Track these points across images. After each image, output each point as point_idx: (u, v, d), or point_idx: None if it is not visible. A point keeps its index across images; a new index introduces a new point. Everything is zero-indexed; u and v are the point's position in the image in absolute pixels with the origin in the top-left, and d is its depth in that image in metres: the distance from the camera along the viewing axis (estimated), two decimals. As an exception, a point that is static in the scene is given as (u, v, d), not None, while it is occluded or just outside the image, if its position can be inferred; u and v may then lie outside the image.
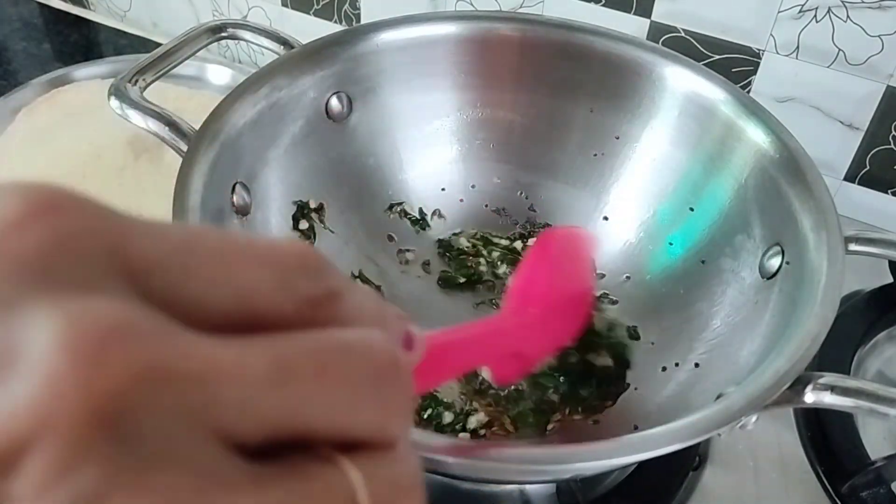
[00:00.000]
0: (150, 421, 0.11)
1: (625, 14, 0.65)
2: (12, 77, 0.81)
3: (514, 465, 0.32)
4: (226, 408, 0.12)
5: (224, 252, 0.14)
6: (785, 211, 0.44)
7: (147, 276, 0.13)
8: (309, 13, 0.79)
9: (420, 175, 0.57)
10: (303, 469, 0.13)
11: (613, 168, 0.55)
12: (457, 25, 0.54)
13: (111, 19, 0.91)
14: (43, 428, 0.11)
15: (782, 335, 0.38)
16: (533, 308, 0.33)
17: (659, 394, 0.46)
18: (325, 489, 0.13)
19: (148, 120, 0.44)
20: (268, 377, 0.13)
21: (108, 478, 0.11)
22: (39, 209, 0.12)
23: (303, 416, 0.13)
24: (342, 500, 0.13)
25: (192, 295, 0.13)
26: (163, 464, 0.11)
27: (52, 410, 0.11)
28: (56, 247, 0.12)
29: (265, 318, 0.14)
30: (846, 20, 0.58)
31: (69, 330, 0.11)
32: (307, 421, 0.13)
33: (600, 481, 0.45)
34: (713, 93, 0.50)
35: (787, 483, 0.47)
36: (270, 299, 0.14)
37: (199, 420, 0.12)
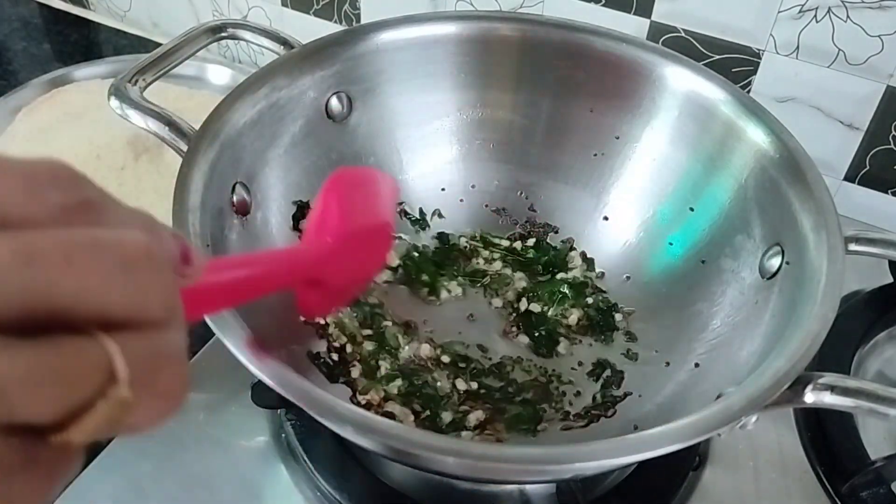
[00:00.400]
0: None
1: (625, 14, 0.65)
2: (12, 77, 0.81)
3: (514, 465, 0.32)
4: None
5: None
6: (785, 211, 0.44)
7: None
8: (309, 13, 0.79)
9: (420, 175, 0.57)
10: (59, 340, 0.15)
11: (613, 168, 0.55)
12: (457, 25, 0.54)
13: (111, 19, 0.91)
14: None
15: (782, 335, 0.38)
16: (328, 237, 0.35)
17: (659, 394, 0.46)
18: (77, 354, 0.15)
19: (148, 120, 0.44)
20: (13, 261, 0.14)
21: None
22: None
23: (52, 298, 0.15)
24: (96, 363, 0.16)
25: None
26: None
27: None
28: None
29: (15, 224, 0.15)
30: (846, 20, 0.58)
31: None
32: (58, 302, 0.15)
33: (600, 481, 0.45)
34: (713, 93, 0.50)
35: (787, 483, 0.47)
36: (19, 206, 0.16)
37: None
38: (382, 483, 0.44)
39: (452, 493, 0.45)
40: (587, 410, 0.47)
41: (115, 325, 0.16)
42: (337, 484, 0.44)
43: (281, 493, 0.45)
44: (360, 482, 0.44)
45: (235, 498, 0.45)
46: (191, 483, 0.45)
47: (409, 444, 0.31)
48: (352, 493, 0.44)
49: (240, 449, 0.47)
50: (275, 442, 0.47)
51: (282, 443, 0.47)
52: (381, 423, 0.33)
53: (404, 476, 0.44)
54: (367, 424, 0.32)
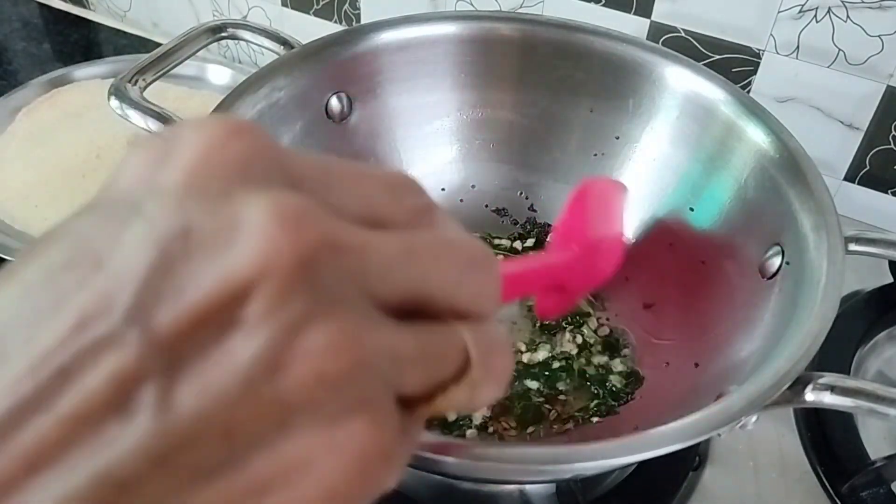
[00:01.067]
0: (330, 276, 0.15)
1: (625, 14, 0.65)
2: (12, 77, 0.81)
3: (514, 465, 0.32)
4: (372, 274, 0.16)
5: (350, 172, 0.18)
6: (785, 211, 0.44)
7: (301, 184, 0.17)
8: (309, 13, 0.79)
9: (420, 175, 0.57)
10: (429, 325, 0.18)
11: (613, 168, 0.55)
12: (457, 25, 0.54)
13: (111, 19, 0.91)
14: (266, 270, 0.15)
15: (782, 335, 0.38)
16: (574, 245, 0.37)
17: (659, 394, 0.46)
18: (444, 339, 0.18)
19: (148, 120, 0.44)
20: (399, 255, 0.17)
21: (309, 308, 0.15)
22: (233, 132, 0.17)
23: (424, 286, 0.17)
24: (457, 347, 0.18)
25: (333, 201, 0.17)
26: (339, 304, 0.16)
27: (271, 258, 0.15)
28: (249, 157, 0.17)
29: (385, 222, 0.18)
30: (846, 20, 0.58)
31: (275, 207, 0.15)
32: (428, 290, 0.18)
33: (600, 481, 0.45)
34: (713, 93, 0.50)
35: (787, 483, 0.47)
36: (387, 207, 0.18)
37: (357, 280, 0.16)
38: (382, 483, 0.44)
39: (452, 493, 0.45)
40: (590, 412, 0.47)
41: (462, 315, 0.18)
42: (337, 484, 0.44)
43: (281, 493, 0.45)
44: (360, 482, 0.44)
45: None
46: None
47: (409, 444, 0.31)
48: (352, 493, 0.44)
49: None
50: (275, 442, 0.47)
51: (282, 443, 0.47)
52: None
53: (404, 476, 0.44)
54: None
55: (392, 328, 0.17)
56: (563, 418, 0.47)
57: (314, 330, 0.15)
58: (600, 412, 0.47)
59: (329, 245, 0.16)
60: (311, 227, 0.15)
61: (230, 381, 0.14)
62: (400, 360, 0.17)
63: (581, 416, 0.47)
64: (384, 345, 0.16)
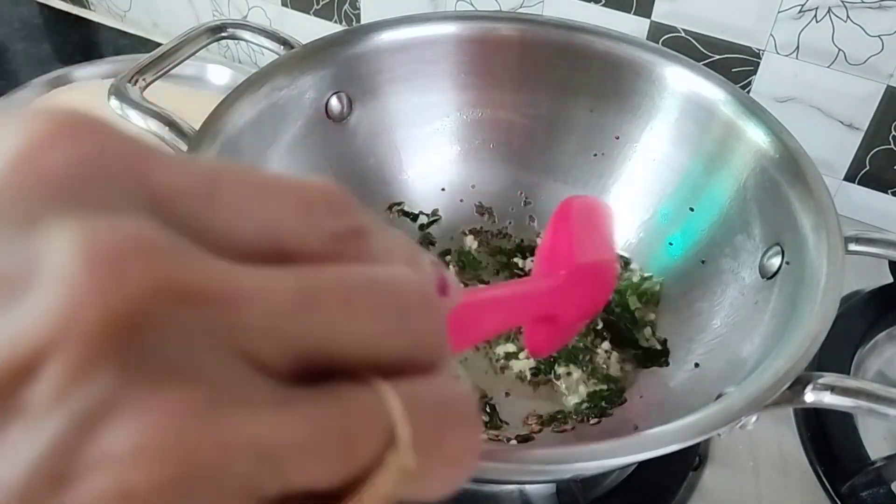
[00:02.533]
0: (169, 336, 0.11)
1: (625, 14, 0.65)
2: (12, 77, 0.81)
3: (514, 465, 0.32)
4: (250, 329, 0.12)
5: (249, 185, 0.14)
6: (785, 211, 0.44)
7: (171, 204, 0.13)
8: (309, 13, 0.79)
9: (420, 175, 0.57)
10: (338, 390, 0.13)
11: (613, 168, 0.55)
12: (457, 25, 0.54)
13: (111, 19, 0.91)
14: (60, 336, 0.11)
15: (782, 335, 0.38)
16: (561, 270, 0.34)
17: (659, 394, 0.46)
18: (358, 409, 0.13)
19: (148, 120, 0.44)
20: (293, 302, 0.13)
21: (121, 387, 0.11)
22: (67, 131, 0.12)
23: (330, 343, 0.13)
24: (377, 419, 0.13)
25: (217, 225, 0.13)
26: (179, 377, 0.11)
27: (69, 319, 0.11)
28: (81, 167, 0.12)
29: (291, 252, 0.14)
30: (846, 20, 0.58)
31: (89, 243, 0.11)
32: (336, 348, 0.13)
33: (600, 481, 0.45)
34: (713, 93, 0.50)
35: (787, 483, 0.47)
36: (296, 233, 0.14)
37: (221, 340, 0.12)
38: (382, 483, 0.44)
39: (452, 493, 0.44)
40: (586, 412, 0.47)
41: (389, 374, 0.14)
42: (337, 484, 0.44)
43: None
44: (360, 482, 0.44)
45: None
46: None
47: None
48: (352, 493, 0.43)
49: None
50: (275, 442, 0.47)
51: (282, 443, 0.47)
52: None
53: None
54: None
55: (269, 407, 0.12)
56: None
57: (120, 423, 0.11)
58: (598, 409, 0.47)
59: (173, 294, 0.11)
60: (140, 270, 0.11)
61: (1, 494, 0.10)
62: (278, 452, 0.12)
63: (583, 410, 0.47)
64: (247, 434, 0.12)
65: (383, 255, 0.15)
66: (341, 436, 0.13)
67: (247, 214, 0.14)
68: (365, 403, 0.13)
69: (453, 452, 0.15)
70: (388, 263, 0.15)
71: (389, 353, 0.14)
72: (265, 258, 0.13)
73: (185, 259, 0.12)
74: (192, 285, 0.12)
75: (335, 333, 0.13)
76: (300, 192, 0.15)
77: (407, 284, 0.15)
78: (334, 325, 0.13)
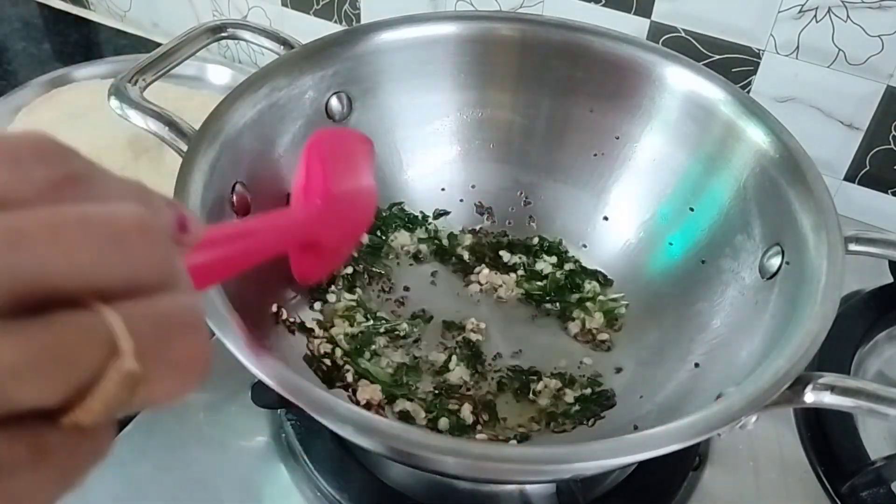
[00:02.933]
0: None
1: (625, 14, 0.65)
2: (12, 77, 0.81)
3: (514, 465, 0.32)
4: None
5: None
6: (785, 211, 0.44)
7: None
8: (309, 13, 0.79)
9: (420, 175, 0.57)
10: (52, 318, 0.14)
11: (613, 168, 0.55)
12: (457, 25, 0.54)
13: (111, 19, 0.91)
14: None
15: (782, 335, 0.38)
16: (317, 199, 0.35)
17: (659, 394, 0.46)
18: (72, 328, 0.15)
19: (148, 120, 0.44)
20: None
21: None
22: None
23: (44, 276, 0.14)
24: (95, 336, 0.15)
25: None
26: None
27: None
28: None
29: (7, 204, 0.15)
30: (846, 20, 0.58)
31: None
32: (50, 280, 0.14)
33: (600, 481, 0.45)
34: (713, 93, 0.50)
35: (787, 483, 0.47)
36: (6, 184, 0.15)
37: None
38: (382, 483, 0.44)
39: (452, 493, 0.45)
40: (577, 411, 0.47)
41: (113, 298, 0.15)
42: (337, 484, 0.44)
43: (281, 493, 0.45)
44: (360, 482, 0.44)
45: (235, 498, 0.45)
46: (191, 483, 0.45)
47: (409, 444, 0.31)
48: (352, 493, 0.44)
49: (240, 449, 0.47)
50: (275, 442, 0.47)
51: (282, 443, 0.47)
52: (381, 423, 0.33)
53: (404, 476, 0.44)
54: (367, 424, 0.32)
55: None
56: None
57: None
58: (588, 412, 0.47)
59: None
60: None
61: None
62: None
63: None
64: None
65: (106, 198, 0.16)
66: (58, 353, 0.14)
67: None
68: (82, 323, 0.15)
69: (179, 356, 0.16)
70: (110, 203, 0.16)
71: (108, 279, 0.15)
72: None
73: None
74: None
75: (46, 266, 0.14)
76: (5, 145, 0.16)
77: (124, 216, 0.16)
78: (44, 260, 0.14)
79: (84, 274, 0.15)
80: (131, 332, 0.15)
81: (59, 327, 0.14)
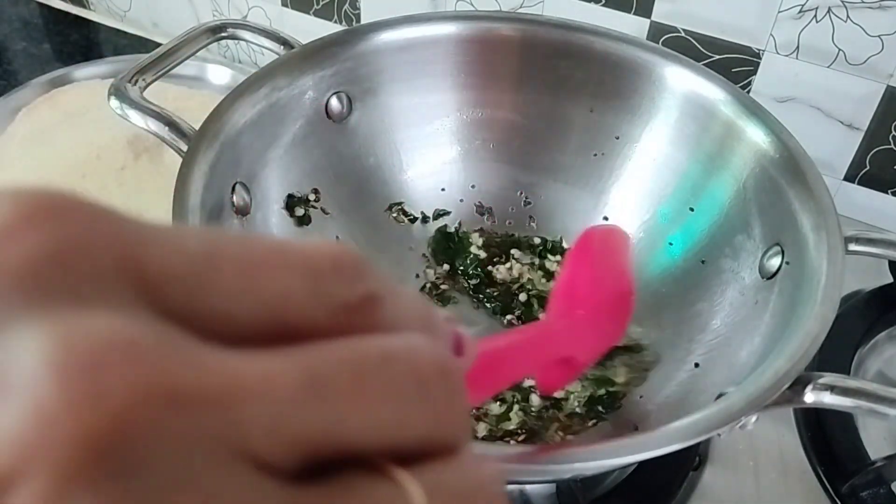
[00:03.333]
0: (160, 448, 0.10)
1: (625, 14, 0.65)
2: (12, 77, 0.81)
3: (515, 465, 0.32)
4: (251, 428, 0.11)
5: (249, 259, 0.13)
6: (785, 211, 0.44)
7: (163, 289, 0.12)
8: (309, 13, 0.79)
9: (420, 175, 0.57)
10: (352, 486, 0.12)
11: (613, 168, 0.55)
12: (457, 25, 0.54)
13: (111, 19, 0.91)
14: (31, 461, 0.09)
15: (782, 335, 0.38)
16: (579, 309, 0.32)
17: (659, 394, 0.46)
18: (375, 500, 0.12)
19: (148, 120, 0.44)
20: (298, 392, 0.11)
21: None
22: (36, 216, 0.11)
23: (343, 433, 0.12)
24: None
25: (215, 308, 0.12)
26: (176, 493, 0.10)
27: (39, 441, 0.09)
28: (54, 257, 0.11)
29: (297, 330, 0.13)
30: (846, 20, 0.58)
31: (60, 348, 0.10)
32: (349, 437, 0.12)
33: (600, 481, 0.45)
34: (713, 93, 0.50)
35: (787, 483, 0.47)
36: (302, 308, 0.13)
37: (220, 443, 0.10)
38: (382, 483, 0.44)
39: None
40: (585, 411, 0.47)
41: (409, 461, 0.13)
42: (337, 484, 0.44)
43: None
44: (360, 482, 0.44)
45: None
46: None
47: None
48: (352, 493, 0.43)
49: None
50: (275, 442, 0.47)
51: (282, 443, 0.47)
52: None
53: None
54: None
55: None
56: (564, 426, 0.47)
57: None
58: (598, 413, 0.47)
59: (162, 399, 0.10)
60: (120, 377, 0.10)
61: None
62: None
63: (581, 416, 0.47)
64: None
65: (397, 322, 0.14)
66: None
67: (247, 292, 0.12)
68: (380, 494, 0.12)
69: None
70: (402, 331, 0.14)
71: (408, 436, 0.13)
72: (269, 338, 0.12)
73: (175, 356, 0.11)
74: (183, 386, 0.10)
75: (348, 422, 0.12)
76: (305, 261, 0.13)
77: (424, 356, 0.13)
78: (346, 414, 0.12)
79: (385, 430, 0.12)
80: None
81: (361, 500, 0.12)
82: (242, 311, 0.12)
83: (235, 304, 0.12)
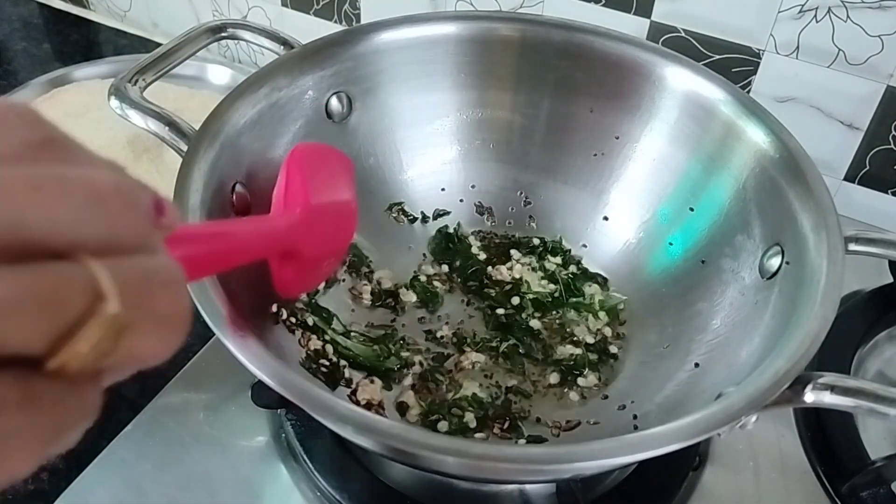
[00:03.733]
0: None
1: (625, 14, 0.65)
2: (12, 77, 0.81)
3: (514, 465, 0.32)
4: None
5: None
6: (785, 211, 0.44)
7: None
8: (309, 13, 0.79)
9: (420, 175, 0.57)
10: (43, 264, 0.15)
11: (613, 168, 0.55)
12: (457, 25, 0.54)
13: (111, 19, 0.92)
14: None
15: (782, 335, 0.38)
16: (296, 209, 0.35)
17: (659, 394, 0.46)
18: (59, 275, 0.15)
19: (148, 120, 0.44)
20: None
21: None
22: None
23: (22, 228, 0.15)
24: (81, 282, 0.15)
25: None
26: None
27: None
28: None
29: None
30: (846, 20, 0.58)
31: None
32: (29, 233, 0.15)
33: (600, 481, 0.45)
34: (713, 93, 0.50)
35: (787, 483, 0.47)
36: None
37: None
38: (382, 483, 0.44)
39: (452, 493, 0.45)
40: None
41: (96, 255, 0.16)
42: (337, 484, 0.44)
43: (281, 493, 0.45)
44: (360, 482, 0.44)
45: (235, 498, 0.45)
46: (191, 483, 0.45)
47: (409, 443, 0.31)
48: (352, 493, 0.44)
49: (240, 449, 0.47)
50: (275, 442, 0.47)
51: (282, 443, 0.47)
52: (381, 422, 0.33)
53: (404, 476, 0.44)
54: (367, 424, 0.32)
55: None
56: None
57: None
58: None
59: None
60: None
61: None
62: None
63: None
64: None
65: (83, 165, 0.17)
66: (44, 294, 0.15)
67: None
68: (67, 269, 0.15)
69: (161, 310, 0.17)
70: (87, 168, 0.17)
71: (88, 237, 0.16)
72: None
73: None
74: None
75: (26, 218, 0.15)
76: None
77: (100, 180, 0.16)
78: (24, 210, 0.15)
79: (64, 229, 0.15)
80: (115, 281, 0.16)
81: (44, 272, 0.15)
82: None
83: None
